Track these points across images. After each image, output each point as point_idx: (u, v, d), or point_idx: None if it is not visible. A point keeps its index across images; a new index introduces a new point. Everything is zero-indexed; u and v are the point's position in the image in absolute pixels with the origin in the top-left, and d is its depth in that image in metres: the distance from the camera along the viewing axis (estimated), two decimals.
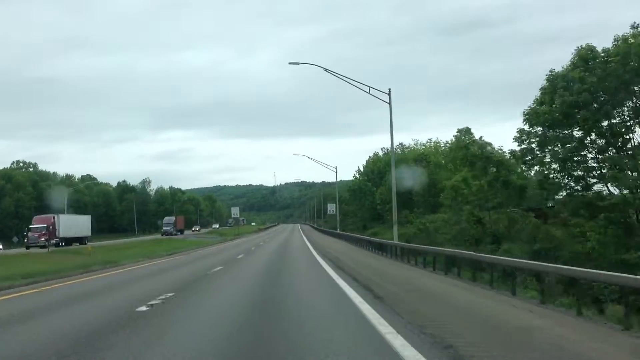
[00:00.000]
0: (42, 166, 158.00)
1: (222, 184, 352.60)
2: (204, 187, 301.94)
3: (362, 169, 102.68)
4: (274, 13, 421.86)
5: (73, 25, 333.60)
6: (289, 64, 37.21)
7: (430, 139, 74.85)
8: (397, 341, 7.83)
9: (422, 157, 72.59)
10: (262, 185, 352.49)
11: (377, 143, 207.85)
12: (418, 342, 7.79)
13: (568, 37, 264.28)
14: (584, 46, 36.95)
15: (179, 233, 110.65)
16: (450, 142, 70.27)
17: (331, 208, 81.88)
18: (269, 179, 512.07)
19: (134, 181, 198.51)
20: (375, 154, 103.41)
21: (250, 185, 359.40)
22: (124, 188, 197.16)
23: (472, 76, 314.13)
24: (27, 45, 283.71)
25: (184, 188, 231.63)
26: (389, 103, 34.07)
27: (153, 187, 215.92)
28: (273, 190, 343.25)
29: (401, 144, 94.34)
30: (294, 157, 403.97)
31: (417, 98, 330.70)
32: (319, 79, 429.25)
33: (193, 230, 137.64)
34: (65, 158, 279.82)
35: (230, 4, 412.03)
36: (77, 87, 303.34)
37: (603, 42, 54.68)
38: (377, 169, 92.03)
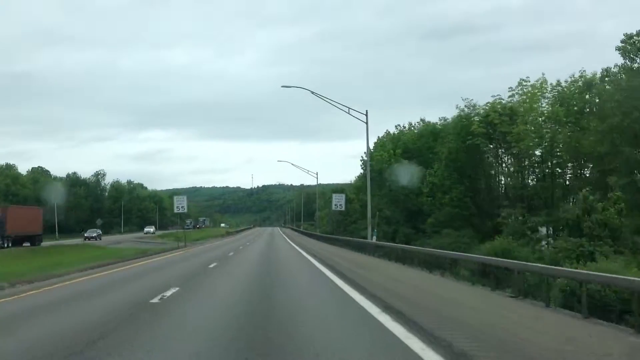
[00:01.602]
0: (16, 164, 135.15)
1: (198, 185, 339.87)
2: (180, 188, 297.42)
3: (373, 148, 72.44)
4: (256, 13, 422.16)
5: (51, 18, 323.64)
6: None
7: (525, 79, 42.92)
8: None
9: (508, 111, 41.22)
10: (239, 187, 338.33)
11: (360, 147, 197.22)
12: None
13: (549, 46, 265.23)
14: None
15: (23, 243, 51.96)
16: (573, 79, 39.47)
17: (337, 201, 49.18)
18: (247, 181, 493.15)
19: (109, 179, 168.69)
20: (387, 133, 73.13)
21: (227, 187, 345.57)
22: (73, 181, 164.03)
23: (453, 82, 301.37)
24: (2, 38, 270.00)
25: (160, 189, 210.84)
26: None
27: (108, 181, 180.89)
28: (250, 192, 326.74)
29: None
30: (274, 160, 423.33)
31: (398, 103, 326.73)
32: (300, 80, 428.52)
33: (87, 238, 75.11)
34: (40, 156, 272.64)
35: (212, 3, 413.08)
36: (54, 83, 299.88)
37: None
38: (403, 146, 60.77)
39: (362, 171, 77.96)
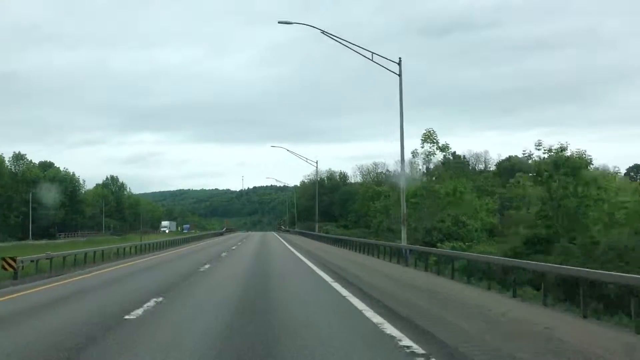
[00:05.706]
0: None
1: (186, 188, 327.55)
2: (167, 191, 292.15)
3: None
4: (249, 11, 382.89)
5: (38, 16, 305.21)
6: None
7: None
8: None
9: None
10: (228, 190, 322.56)
11: (352, 151, 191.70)
12: None
13: (550, 44, 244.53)
14: None
15: None
16: None
17: None
18: (238, 184, 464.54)
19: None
20: None
21: (216, 189, 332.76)
22: None
23: (449, 82, 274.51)
24: None
25: (151, 192, 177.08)
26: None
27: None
28: (240, 193, 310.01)
29: None
30: (265, 162, 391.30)
31: (395, 102, 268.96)
32: (294, 81, 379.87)
33: None
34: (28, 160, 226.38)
35: (202, 2, 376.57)
36: (40, 84, 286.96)
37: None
38: None
39: None
